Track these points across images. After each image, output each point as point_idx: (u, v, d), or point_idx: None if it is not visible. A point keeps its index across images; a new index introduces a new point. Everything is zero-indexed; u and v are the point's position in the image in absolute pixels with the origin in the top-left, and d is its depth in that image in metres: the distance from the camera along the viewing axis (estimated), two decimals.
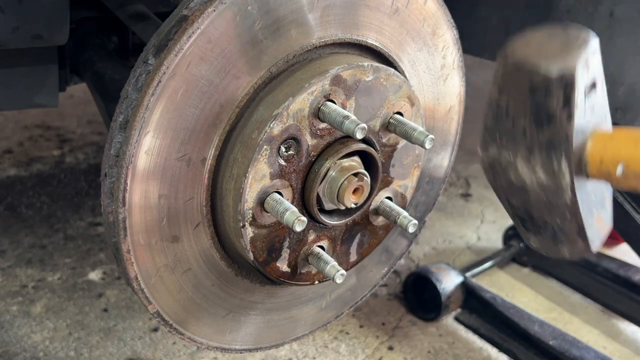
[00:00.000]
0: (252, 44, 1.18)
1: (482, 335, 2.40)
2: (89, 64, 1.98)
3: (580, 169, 1.03)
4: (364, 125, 1.19)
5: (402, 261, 1.79)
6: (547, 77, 0.97)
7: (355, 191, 1.28)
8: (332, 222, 1.32)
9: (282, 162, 1.22)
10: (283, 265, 1.32)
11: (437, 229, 3.08)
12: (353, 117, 1.19)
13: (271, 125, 1.17)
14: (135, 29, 1.79)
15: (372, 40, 1.34)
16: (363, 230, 1.41)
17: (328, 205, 1.29)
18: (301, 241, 1.32)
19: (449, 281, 2.43)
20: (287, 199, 1.24)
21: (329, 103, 1.22)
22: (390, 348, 2.32)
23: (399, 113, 1.33)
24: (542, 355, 2.25)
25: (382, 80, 1.28)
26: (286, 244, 1.30)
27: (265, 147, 1.18)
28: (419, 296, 2.48)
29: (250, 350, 1.48)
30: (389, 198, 1.42)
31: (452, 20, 1.47)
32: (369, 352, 2.29)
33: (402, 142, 1.37)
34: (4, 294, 2.39)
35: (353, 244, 1.41)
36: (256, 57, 1.19)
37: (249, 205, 1.21)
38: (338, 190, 1.26)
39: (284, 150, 1.21)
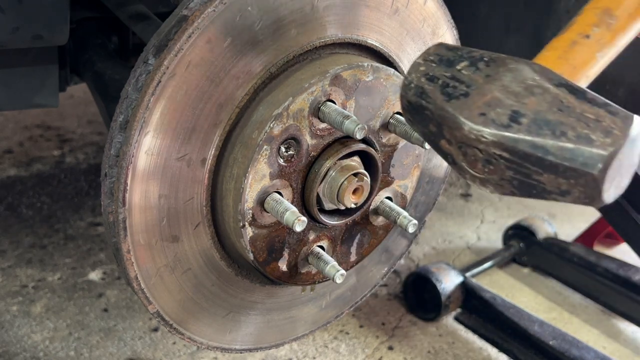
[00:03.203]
0: (252, 44, 1.18)
1: (482, 335, 2.40)
2: (89, 64, 1.98)
3: None
4: (364, 125, 1.19)
5: (402, 261, 1.79)
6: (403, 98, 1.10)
7: (355, 191, 1.28)
8: (332, 222, 1.32)
9: (282, 162, 1.22)
10: (283, 265, 1.32)
11: (437, 229, 3.08)
12: (353, 117, 1.19)
13: (271, 126, 1.17)
14: (135, 29, 1.79)
15: (372, 40, 1.34)
16: (363, 230, 1.41)
17: (328, 205, 1.29)
18: (301, 241, 1.32)
19: (449, 281, 2.43)
20: (287, 199, 1.24)
21: (329, 103, 1.22)
22: (390, 348, 2.32)
23: (399, 113, 1.33)
24: (542, 355, 2.25)
25: (382, 80, 1.28)
26: (286, 244, 1.30)
27: (265, 147, 1.18)
28: (419, 296, 2.48)
29: (250, 350, 1.48)
30: (389, 198, 1.42)
31: (452, 20, 1.47)
32: (369, 352, 2.29)
33: (402, 142, 1.37)
34: (4, 294, 2.39)
35: (353, 244, 1.41)
36: (256, 57, 1.19)
37: (249, 205, 1.21)
38: (338, 190, 1.26)
39: (284, 150, 1.21)
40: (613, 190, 0.99)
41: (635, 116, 0.99)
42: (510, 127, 0.99)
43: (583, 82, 1.13)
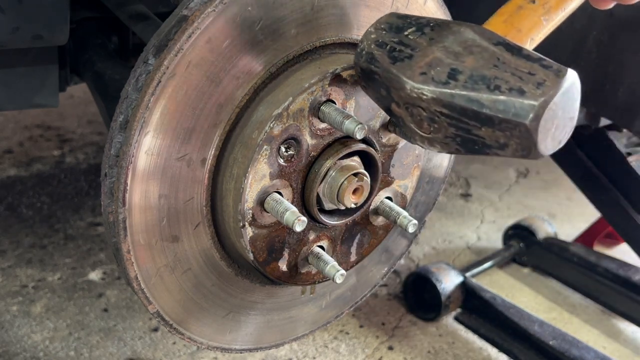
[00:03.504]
0: (252, 44, 1.18)
1: (482, 335, 2.40)
2: (89, 64, 1.98)
3: None
4: (364, 125, 1.19)
5: (402, 261, 1.79)
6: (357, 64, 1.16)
7: (355, 191, 1.28)
8: (332, 222, 1.32)
9: (282, 162, 1.22)
10: (283, 265, 1.32)
11: (437, 229, 3.09)
12: (353, 117, 1.19)
13: (271, 125, 1.17)
14: (135, 29, 1.79)
15: None
16: (363, 230, 1.41)
17: (328, 205, 1.29)
18: (301, 241, 1.32)
19: (449, 281, 2.43)
20: (287, 199, 1.24)
21: (329, 103, 1.22)
22: (390, 348, 2.32)
23: None
24: (542, 355, 2.25)
25: None
26: (286, 244, 1.30)
27: (265, 147, 1.18)
28: (418, 296, 2.49)
29: (250, 350, 1.48)
30: (389, 198, 1.42)
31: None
32: (369, 352, 2.29)
33: (402, 142, 1.37)
34: (4, 294, 2.39)
35: (353, 244, 1.41)
36: (256, 57, 1.19)
37: (249, 205, 1.21)
38: (338, 190, 1.26)
39: (284, 150, 1.21)
40: (550, 141, 1.02)
41: (569, 69, 1.02)
42: (448, 83, 1.04)
43: (528, 46, 1.16)
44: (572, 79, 1.01)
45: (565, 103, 1.01)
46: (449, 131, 1.07)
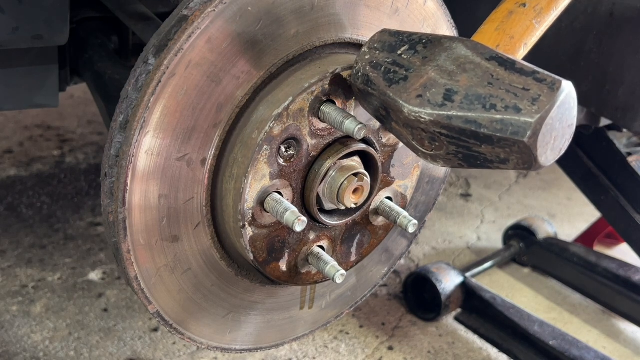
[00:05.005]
0: (252, 44, 1.18)
1: (482, 335, 2.40)
2: (89, 64, 1.98)
3: None
4: (364, 125, 1.19)
5: (402, 261, 1.79)
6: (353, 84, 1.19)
7: (355, 191, 1.28)
8: (332, 222, 1.32)
9: (282, 162, 1.22)
10: (283, 266, 1.32)
11: (437, 229, 3.09)
12: (353, 117, 1.19)
13: (271, 125, 1.17)
14: (135, 29, 1.80)
15: None
16: (363, 230, 1.41)
17: (328, 205, 1.29)
18: (301, 241, 1.32)
19: (449, 281, 2.43)
20: (287, 199, 1.24)
21: (329, 103, 1.22)
22: (390, 348, 2.32)
23: None
24: (542, 355, 2.25)
25: None
26: (286, 244, 1.30)
27: (265, 147, 1.18)
28: (419, 296, 2.49)
29: (250, 350, 1.48)
30: (389, 198, 1.42)
31: (452, 21, 1.47)
32: (369, 352, 2.29)
33: None
34: (4, 294, 2.39)
35: (353, 244, 1.41)
36: (256, 57, 1.19)
37: (249, 205, 1.21)
38: (338, 191, 1.26)
39: (284, 150, 1.21)
40: (550, 153, 1.03)
41: (564, 81, 1.02)
42: (445, 105, 1.05)
43: (522, 52, 1.16)
44: (566, 91, 1.01)
45: (562, 115, 1.01)
46: (450, 149, 1.08)
